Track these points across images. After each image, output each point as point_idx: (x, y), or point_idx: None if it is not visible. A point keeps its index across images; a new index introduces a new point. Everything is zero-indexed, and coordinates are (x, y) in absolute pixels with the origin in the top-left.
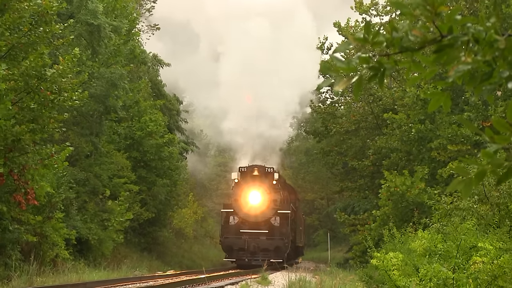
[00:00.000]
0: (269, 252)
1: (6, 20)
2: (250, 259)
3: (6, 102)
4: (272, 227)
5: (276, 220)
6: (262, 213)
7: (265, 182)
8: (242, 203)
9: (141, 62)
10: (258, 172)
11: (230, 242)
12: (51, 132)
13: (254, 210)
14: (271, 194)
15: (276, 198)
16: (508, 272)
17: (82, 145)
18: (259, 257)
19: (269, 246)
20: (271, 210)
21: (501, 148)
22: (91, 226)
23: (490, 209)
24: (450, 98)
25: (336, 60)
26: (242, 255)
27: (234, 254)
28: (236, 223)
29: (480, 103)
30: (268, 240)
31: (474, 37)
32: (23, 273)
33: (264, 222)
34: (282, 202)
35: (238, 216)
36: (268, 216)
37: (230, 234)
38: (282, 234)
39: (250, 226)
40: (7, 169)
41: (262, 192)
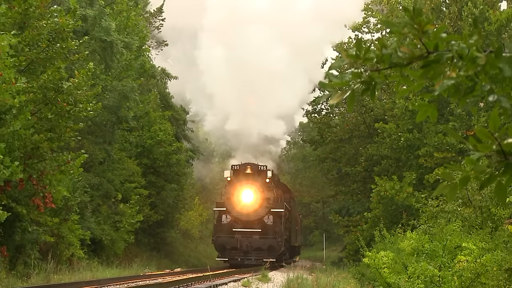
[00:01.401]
0: (262, 251)
1: (26, 37)
2: (242, 259)
3: (26, 112)
4: (265, 225)
5: (269, 219)
6: (255, 212)
7: (258, 180)
8: (235, 201)
9: (151, 76)
10: (251, 170)
11: (223, 241)
12: (67, 140)
13: (247, 209)
14: (264, 192)
15: (269, 197)
16: (490, 270)
17: (96, 153)
18: (252, 257)
19: (262, 245)
20: (264, 209)
21: (484, 155)
22: (104, 227)
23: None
24: (437, 109)
25: (331, 76)
26: (235, 255)
27: (226, 254)
28: (229, 222)
29: (464, 114)
30: (261, 239)
31: (458, 53)
32: (41, 271)
33: (257, 221)
34: (276, 201)
35: (231, 215)
36: (261, 215)
37: (223, 233)
38: (275, 233)
39: (243, 225)
40: (26, 175)
41: (255, 190)
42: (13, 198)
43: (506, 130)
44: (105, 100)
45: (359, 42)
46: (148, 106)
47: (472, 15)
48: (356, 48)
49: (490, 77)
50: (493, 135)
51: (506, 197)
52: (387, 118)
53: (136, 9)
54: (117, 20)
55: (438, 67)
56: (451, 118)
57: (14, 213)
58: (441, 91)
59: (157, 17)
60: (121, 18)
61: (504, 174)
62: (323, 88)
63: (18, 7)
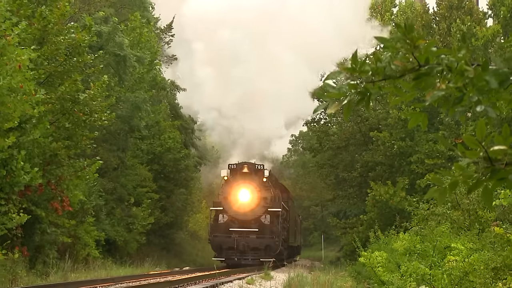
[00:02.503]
0: (259, 251)
1: (45, 51)
2: (239, 258)
3: (45, 122)
4: (262, 225)
5: (266, 218)
6: (252, 211)
7: (255, 179)
8: (232, 201)
9: (161, 88)
10: (248, 169)
11: (219, 241)
12: (83, 148)
13: (244, 208)
14: (261, 191)
15: (266, 196)
16: (477, 269)
17: (110, 159)
18: (248, 256)
19: (259, 245)
20: (261, 208)
21: (471, 162)
22: (118, 229)
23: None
24: (427, 118)
25: (329, 87)
26: (232, 254)
27: (223, 253)
28: (226, 221)
29: (453, 123)
30: (258, 239)
31: (447, 66)
32: (59, 270)
33: (254, 221)
34: (273, 200)
35: (228, 215)
36: (258, 214)
37: (220, 232)
38: (272, 232)
39: (240, 225)
40: (45, 180)
41: (251, 189)
42: (33, 201)
43: (492, 138)
44: (118, 111)
45: (355, 56)
46: (158, 116)
47: (460, 31)
48: (352, 62)
49: (477, 88)
50: (480, 143)
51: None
52: (381, 127)
53: (148, 26)
54: (131, 36)
55: (429, 79)
56: (441, 127)
57: (34, 215)
58: (432, 102)
59: (167, 33)
60: (135, 34)
61: (490, 179)
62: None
63: (38, 24)
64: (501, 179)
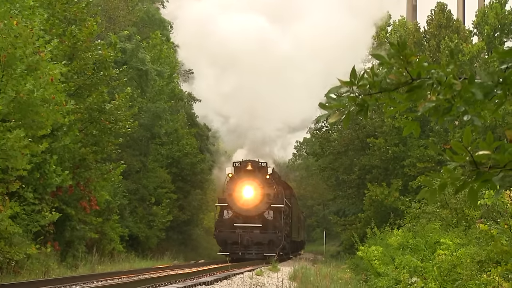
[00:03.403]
0: (262, 245)
1: (74, 66)
2: (243, 253)
3: (74, 130)
4: (265, 221)
5: (269, 214)
6: (255, 207)
7: (258, 176)
8: (236, 197)
9: (179, 99)
10: (252, 167)
11: (224, 236)
12: (109, 153)
13: (248, 204)
14: (264, 188)
15: (269, 192)
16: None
17: (133, 163)
18: (252, 251)
19: (262, 239)
20: (264, 204)
21: (458, 165)
22: (140, 226)
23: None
24: (419, 126)
25: (331, 99)
26: (236, 249)
27: (228, 248)
28: (230, 217)
29: (442, 131)
30: (261, 234)
31: (437, 80)
32: (87, 263)
33: (258, 216)
34: (276, 197)
35: (232, 210)
36: (262, 210)
37: (224, 228)
38: (275, 227)
39: (244, 220)
40: (75, 182)
41: (255, 186)
42: (64, 201)
43: (477, 144)
44: (141, 119)
45: (353, 71)
46: (177, 124)
47: (449, 47)
48: (351, 76)
49: (464, 100)
50: (466, 149)
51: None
52: (377, 134)
53: (167, 44)
54: (152, 53)
55: (420, 91)
56: (431, 134)
57: (65, 213)
58: (423, 111)
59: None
60: (155, 51)
61: (475, 181)
62: (323, 109)
63: (68, 41)
64: (485, 181)
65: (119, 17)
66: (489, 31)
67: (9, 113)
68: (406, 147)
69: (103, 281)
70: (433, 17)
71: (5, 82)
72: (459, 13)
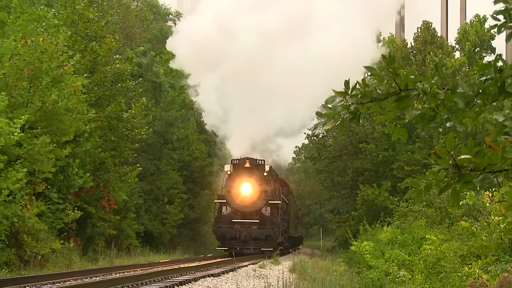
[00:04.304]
0: (260, 240)
1: (95, 79)
2: (241, 248)
3: (95, 136)
4: (263, 216)
5: (267, 210)
6: (253, 203)
7: (256, 173)
8: (234, 194)
9: (189, 108)
10: (250, 164)
11: (223, 231)
12: (126, 157)
13: (246, 201)
14: (262, 185)
15: (267, 189)
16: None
17: (148, 166)
18: (250, 246)
19: (260, 235)
20: (262, 201)
21: (442, 168)
22: (154, 223)
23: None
24: (407, 132)
25: (326, 108)
26: (234, 244)
27: (226, 243)
28: (229, 213)
29: (427, 136)
30: (259, 229)
31: (422, 90)
32: (106, 256)
33: (255, 212)
34: (273, 193)
35: (231, 207)
36: (259, 206)
37: (223, 223)
38: (272, 223)
39: (242, 216)
40: (95, 183)
41: (253, 183)
42: (85, 200)
43: (459, 149)
44: (155, 127)
45: (346, 82)
46: (187, 131)
47: (433, 62)
48: (345, 87)
49: (447, 108)
50: (449, 153)
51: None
52: (369, 140)
53: None
54: (165, 66)
55: (407, 100)
56: (417, 139)
57: (86, 212)
58: (410, 119)
59: None
60: (168, 65)
61: (458, 182)
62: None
63: (89, 56)
64: (466, 182)
65: (135, 34)
66: (470, 47)
67: (36, 121)
68: (395, 152)
69: (120, 273)
70: (419, 34)
71: (32, 93)
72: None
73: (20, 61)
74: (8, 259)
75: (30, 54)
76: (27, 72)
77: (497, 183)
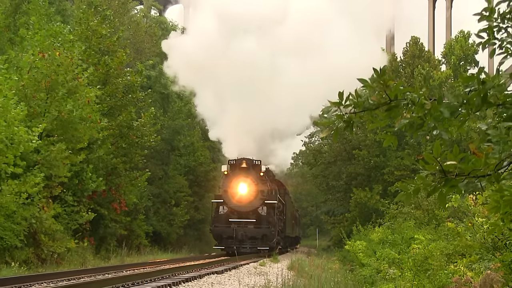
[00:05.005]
0: (256, 240)
1: (107, 90)
2: (238, 247)
3: (107, 143)
4: (259, 216)
5: (263, 210)
6: (249, 203)
7: (252, 173)
8: (231, 193)
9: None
10: (246, 165)
11: (220, 230)
12: (136, 162)
13: (242, 200)
14: (258, 185)
15: (263, 189)
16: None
17: (156, 171)
18: (247, 245)
19: (256, 234)
20: (258, 200)
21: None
22: (162, 224)
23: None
24: (396, 139)
25: (322, 117)
26: (231, 243)
27: (223, 242)
28: (226, 212)
29: (416, 144)
30: (255, 229)
31: (411, 101)
32: (118, 255)
33: (252, 212)
34: (269, 193)
35: (228, 206)
36: (256, 206)
37: (220, 223)
38: (269, 222)
39: (239, 216)
40: (107, 187)
41: (249, 183)
42: (98, 203)
43: (445, 156)
44: (163, 134)
45: (340, 93)
46: (193, 138)
47: (421, 74)
48: (339, 97)
49: (434, 117)
50: (436, 159)
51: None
52: (361, 147)
53: None
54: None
55: (397, 110)
56: (406, 146)
57: (99, 213)
58: (400, 127)
59: None
60: None
61: (444, 186)
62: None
63: (102, 69)
64: (452, 186)
65: (144, 49)
66: (455, 61)
67: (52, 129)
68: (386, 158)
69: (131, 270)
70: (408, 49)
71: (49, 103)
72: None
73: (38, 74)
74: (27, 257)
75: (47, 67)
76: (45, 84)
77: (480, 187)
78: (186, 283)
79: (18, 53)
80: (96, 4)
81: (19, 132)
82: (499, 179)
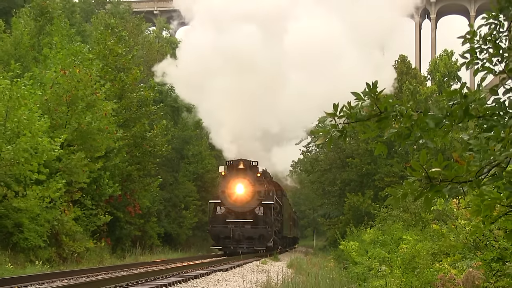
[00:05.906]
0: (253, 240)
1: (122, 104)
2: (235, 247)
3: (123, 152)
4: (256, 216)
5: (260, 210)
6: (247, 204)
7: (249, 174)
8: (228, 194)
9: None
10: (243, 165)
11: (217, 230)
12: (149, 170)
13: (239, 201)
14: (255, 186)
15: (260, 190)
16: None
17: (167, 178)
18: (244, 245)
19: (253, 234)
20: (255, 201)
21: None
22: (172, 226)
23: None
24: (386, 148)
25: (318, 126)
26: (228, 243)
27: (220, 242)
28: (223, 213)
29: (404, 152)
30: (252, 229)
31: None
32: (132, 254)
33: (249, 212)
34: (266, 194)
35: (225, 207)
36: (253, 206)
37: (217, 223)
38: (265, 223)
39: (236, 216)
40: (123, 192)
41: (246, 184)
42: (114, 206)
43: (431, 163)
44: (173, 144)
45: (335, 105)
46: (201, 148)
47: (409, 89)
48: (333, 108)
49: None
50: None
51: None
52: (354, 155)
53: None
54: None
55: (387, 121)
56: (395, 155)
57: (115, 216)
58: (389, 137)
59: None
60: None
61: (429, 191)
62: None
63: (118, 85)
64: (437, 191)
65: None
66: (439, 77)
67: (73, 139)
68: (377, 165)
69: (144, 268)
70: (397, 66)
71: (70, 116)
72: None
73: (60, 89)
74: (50, 256)
75: (68, 83)
76: (66, 98)
77: (463, 192)
78: (195, 280)
79: (42, 70)
80: (113, 25)
81: (42, 142)
82: (480, 185)
